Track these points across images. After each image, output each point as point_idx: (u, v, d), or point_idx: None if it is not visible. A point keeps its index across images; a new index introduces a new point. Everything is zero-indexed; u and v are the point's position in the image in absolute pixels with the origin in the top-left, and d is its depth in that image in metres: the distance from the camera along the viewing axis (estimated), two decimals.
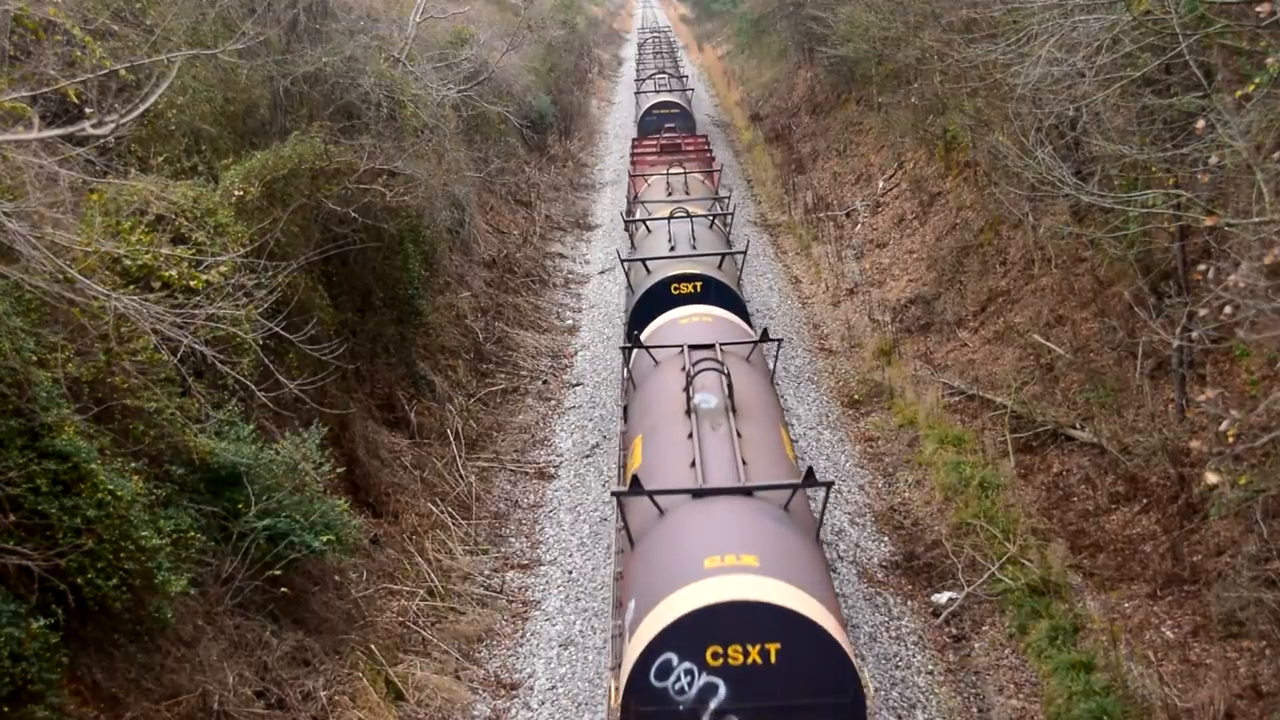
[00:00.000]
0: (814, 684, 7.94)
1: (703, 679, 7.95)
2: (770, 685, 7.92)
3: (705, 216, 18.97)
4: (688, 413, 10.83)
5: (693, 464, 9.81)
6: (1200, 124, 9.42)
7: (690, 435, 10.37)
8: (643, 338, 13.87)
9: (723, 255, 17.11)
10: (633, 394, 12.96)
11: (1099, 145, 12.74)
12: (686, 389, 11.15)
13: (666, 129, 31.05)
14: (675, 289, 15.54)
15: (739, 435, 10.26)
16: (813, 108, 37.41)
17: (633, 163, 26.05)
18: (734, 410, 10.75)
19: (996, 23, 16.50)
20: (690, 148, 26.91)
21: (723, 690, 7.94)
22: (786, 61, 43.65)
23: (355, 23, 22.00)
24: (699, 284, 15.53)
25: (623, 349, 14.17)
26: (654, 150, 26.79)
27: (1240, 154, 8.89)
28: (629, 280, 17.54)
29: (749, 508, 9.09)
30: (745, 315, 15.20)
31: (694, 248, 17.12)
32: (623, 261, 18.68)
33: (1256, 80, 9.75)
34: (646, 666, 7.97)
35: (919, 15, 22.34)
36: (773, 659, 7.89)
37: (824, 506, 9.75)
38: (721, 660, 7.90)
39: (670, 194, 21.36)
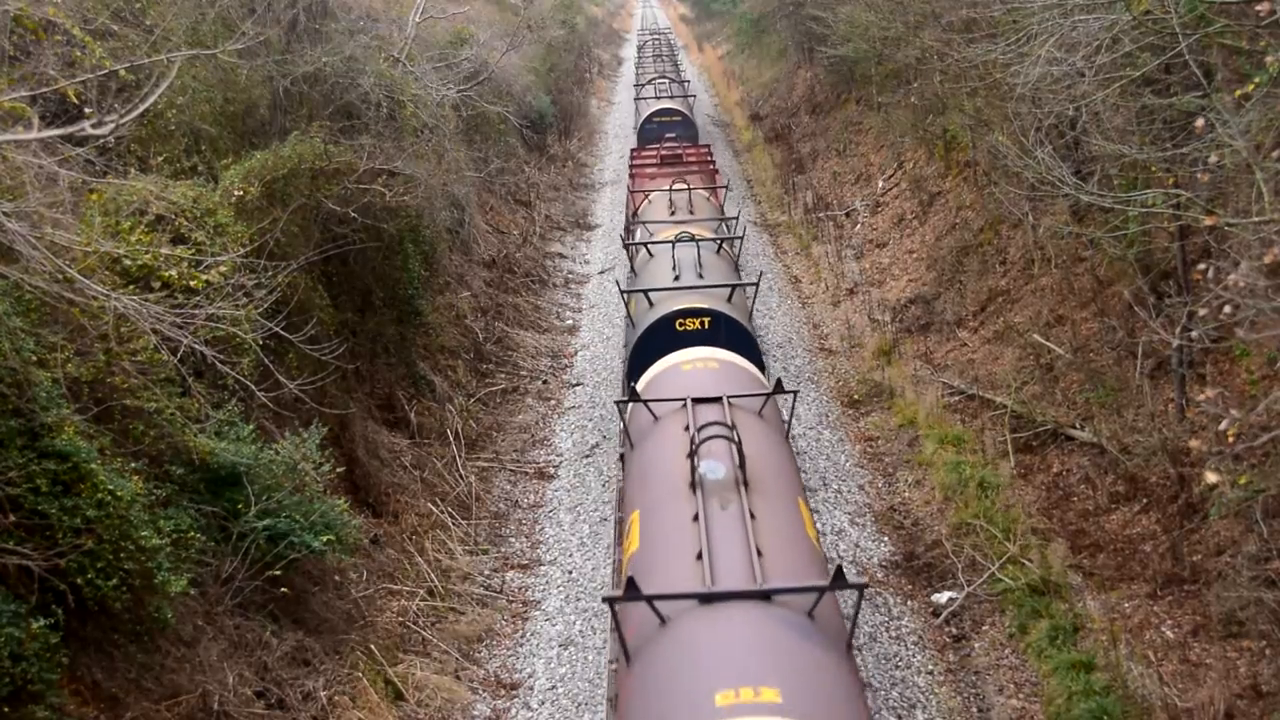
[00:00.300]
0: None
1: None
2: None
3: (713, 240, 17.48)
4: (692, 486, 9.30)
5: (699, 556, 8.28)
6: (1200, 123, 9.42)
7: (696, 518, 8.81)
8: (642, 385, 12.37)
9: (733, 288, 15.42)
10: (630, 454, 11.30)
11: (1099, 145, 12.74)
12: (691, 456, 9.58)
13: (668, 139, 29.48)
14: (680, 325, 14.07)
15: (752, 517, 8.71)
16: (812, 107, 37.41)
17: (631, 176, 24.57)
18: (746, 484, 9.17)
19: (996, 22, 16.50)
20: (693, 159, 25.63)
21: None
22: (786, 61, 43.65)
23: (355, 23, 22.00)
24: (707, 320, 14.08)
25: (618, 403, 12.47)
26: (654, 162, 25.43)
27: (1240, 153, 8.89)
28: (629, 312, 15.89)
29: (768, 620, 7.36)
30: (758, 355, 14.00)
31: (700, 277, 15.50)
32: (623, 293, 16.79)
33: (1256, 80, 9.75)
34: None
35: (919, 15, 22.34)
36: None
37: (856, 612, 8.07)
38: None
39: (673, 213, 19.76)
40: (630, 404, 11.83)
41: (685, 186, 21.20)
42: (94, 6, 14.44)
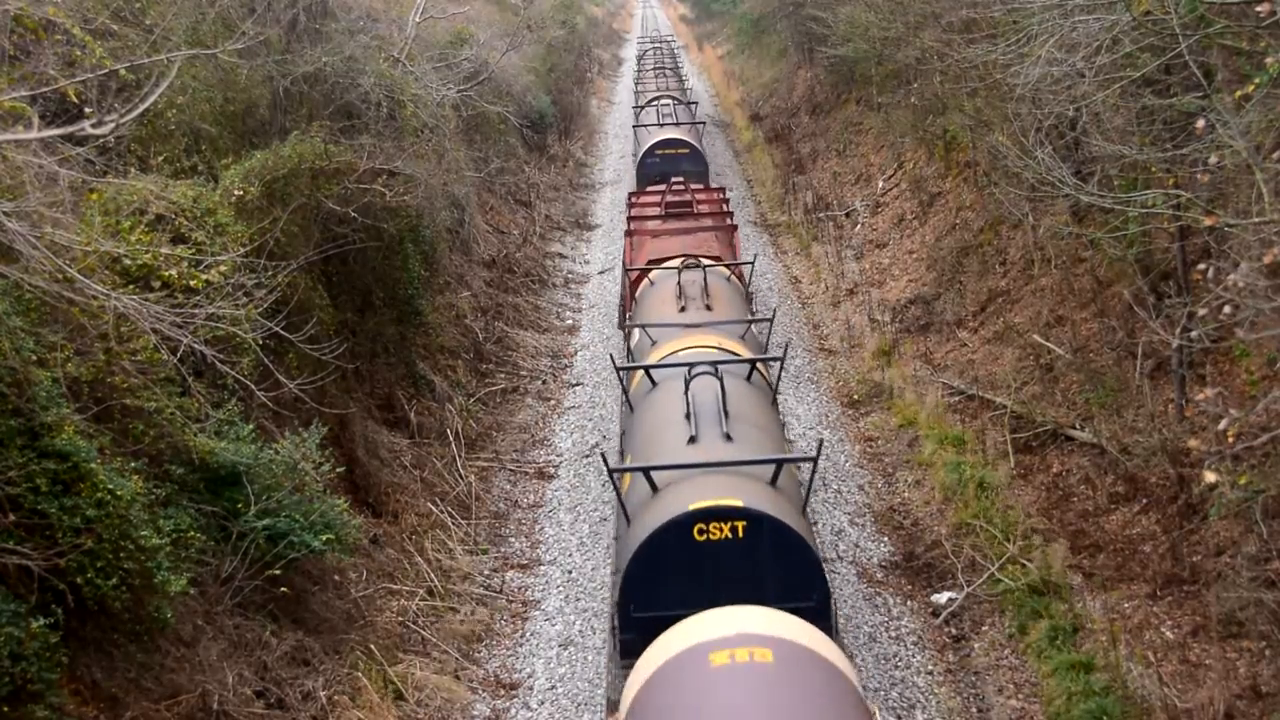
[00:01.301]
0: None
1: None
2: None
3: (742, 362, 12.46)
4: None
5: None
6: (1200, 124, 9.42)
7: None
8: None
9: (778, 465, 10.06)
10: None
11: (1099, 145, 12.74)
12: None
13: (675, 184, 23.18)
14: (700, 532, 9.28)
15: None
16: (813, 108, 37.41)
17: (629, 231, 19.92)
18: None
19: (996, 23, 16.51)
20: (705, 207, 21.21)
21: None
22: (786, 61, 43.64)
23: (355, 22, 22.00)
24: (741, 524, 9.26)
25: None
26: (657, 212, 20.93)
27: (1240, 154, 8.89)
28: (619, 491, 10.96)
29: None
30: (825, 596, 9.42)
31: (727, 434, 10.51)
32: (611, 474, 10.90)
33: (1256, 80, 9.76)
34: None
35: (919, 15, 22.34)
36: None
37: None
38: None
39: (683, 307, 14.77)
40: None
41: (698, 263, 16.17)
42: (94, 6, 14.44)
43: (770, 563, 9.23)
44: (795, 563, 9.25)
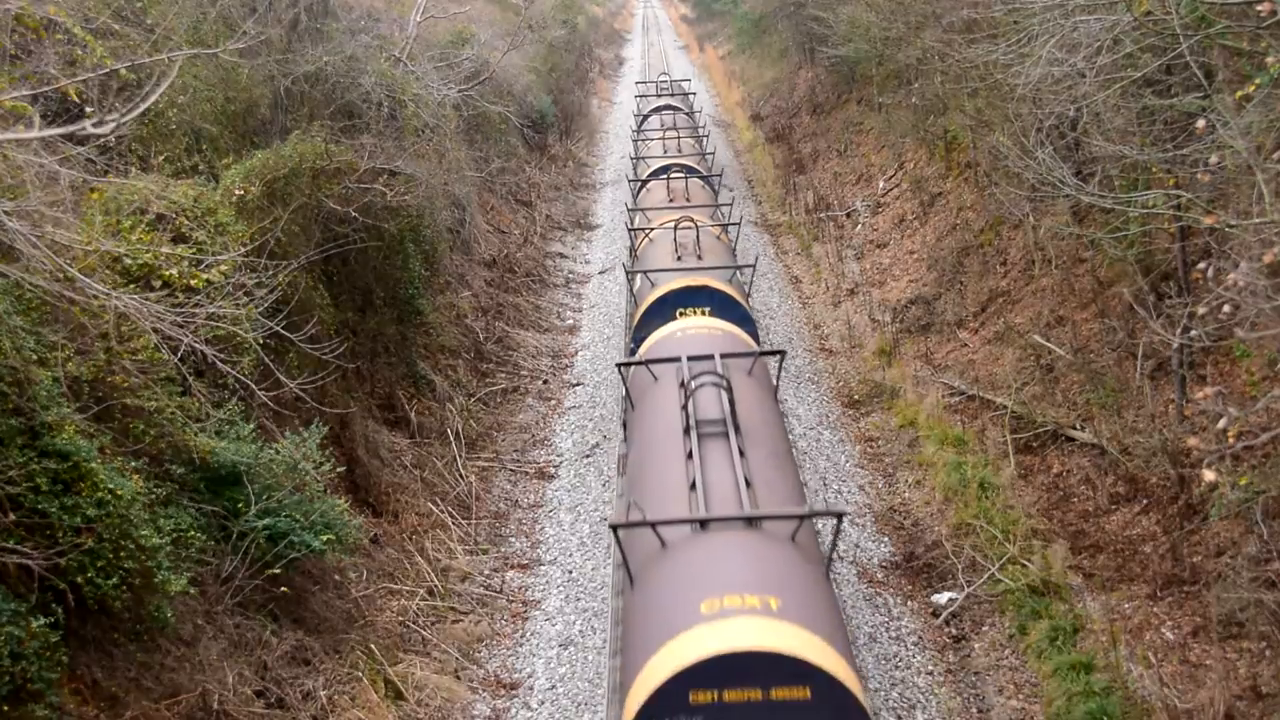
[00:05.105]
0: None
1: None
2: None
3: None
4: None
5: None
6: (1201, 124, 9.42)
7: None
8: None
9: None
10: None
11: (1099, 146, 12.74)
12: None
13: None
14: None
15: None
16: (813, 108, 37.41)
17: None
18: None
19: (997, 23, 16.51)
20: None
21: None
22: (787, 61, 43.65)
23: (356, 22, 22.03)
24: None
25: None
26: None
27: (1240, 154, 8.89)
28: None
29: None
30: None
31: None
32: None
33: (1257, 81, 9.77)
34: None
35: (920, 15, 22.36)
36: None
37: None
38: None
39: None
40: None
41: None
42: (95, 6, 14.45)
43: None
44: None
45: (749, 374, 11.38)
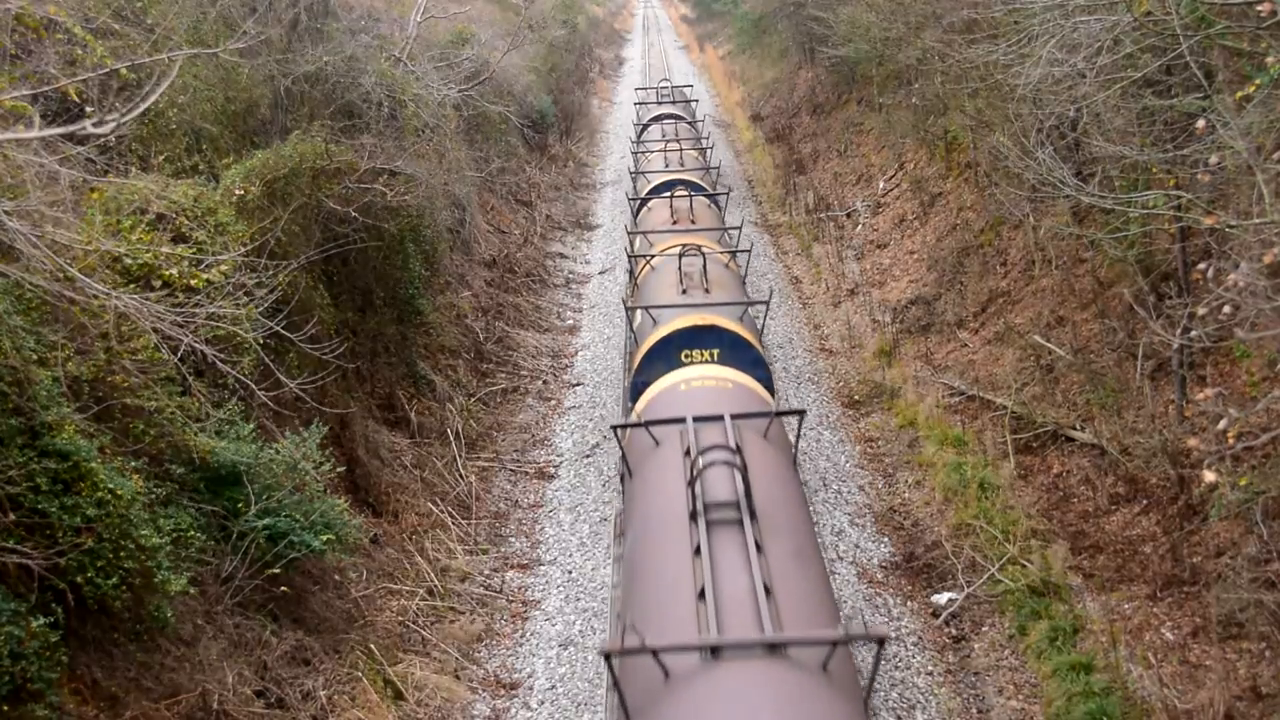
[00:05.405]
0: None
1: None
2: None
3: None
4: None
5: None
6: (1201, 125, 9.42)
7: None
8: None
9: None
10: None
11: (1100, 146, 12.74)
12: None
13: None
14: None
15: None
16: (813, 108, 37.41)
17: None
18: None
19: (997, 23, 16.51)
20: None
21: None
22: (787, 62, 43.65)
23: (356, 22, 22.04)
24: None
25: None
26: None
27: (1240, 154, 8.89)
28: None
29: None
30: None
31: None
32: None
33: (1257, 81, 9.77)
34: None
35: (920, 16, 22.36)
36: None
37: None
38: None
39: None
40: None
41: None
42: (95, 5, 14.45)
43: None
44: None
45: (764, 436, 9.91)
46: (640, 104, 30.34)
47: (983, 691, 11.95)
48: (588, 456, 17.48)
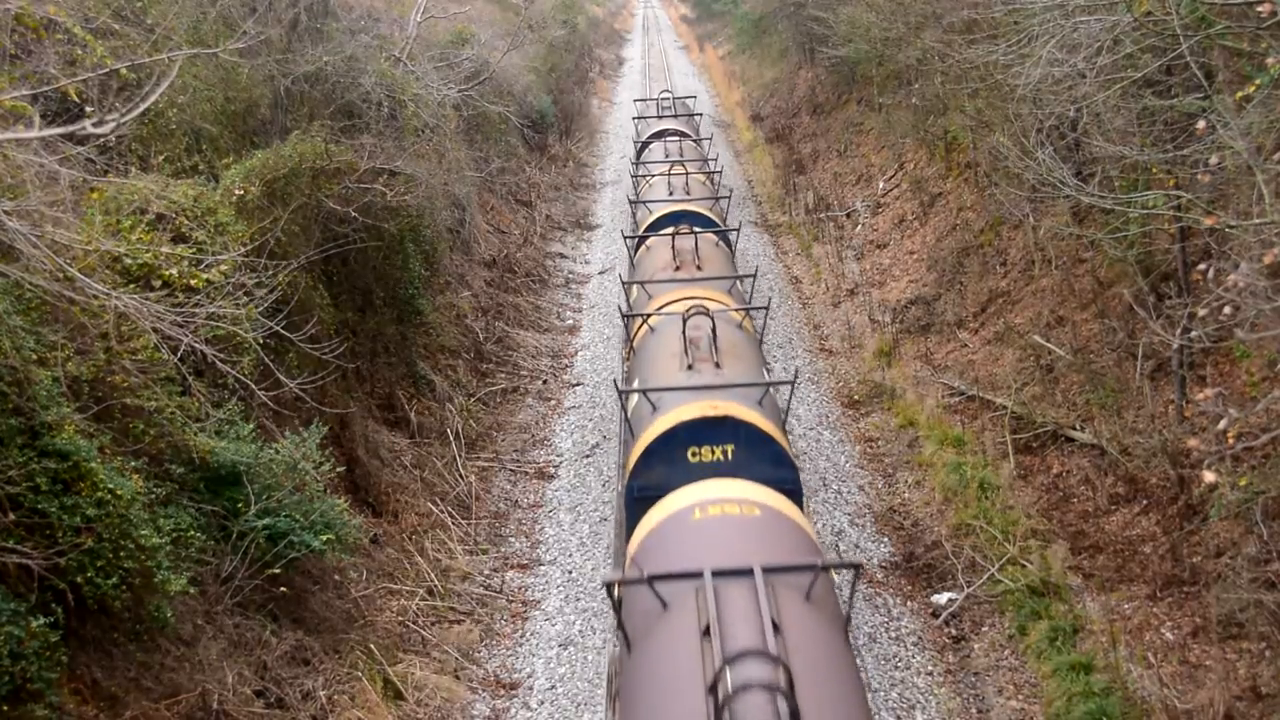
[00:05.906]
0: None
1: None
2: None
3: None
4: None
5: None
6: (1201, 125, 9.42)
7: None
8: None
9: None
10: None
11: (1100, 146, 12.74)
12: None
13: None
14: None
15: None
16: (813, 108, 37.41)
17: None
18: None
19: (997, 24, 16.51)
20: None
21: None
22: (787, 62, 43.65)
23: (356, 22, 22.04)
24: None
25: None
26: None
27: (1240, 155, 8.89)
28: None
29: None
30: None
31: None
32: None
33: (1257, 81, 9.77)
34: None
35: (920, 16, 22.36)
36: None
37: None
38: None
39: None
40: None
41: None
42: (95, 5, 14.45)
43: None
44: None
45: (807, 598, 7.31)
46: (639, 118, 26.92)
47: (982, 691, 11.95)
48: (587, 456, 17.48)
